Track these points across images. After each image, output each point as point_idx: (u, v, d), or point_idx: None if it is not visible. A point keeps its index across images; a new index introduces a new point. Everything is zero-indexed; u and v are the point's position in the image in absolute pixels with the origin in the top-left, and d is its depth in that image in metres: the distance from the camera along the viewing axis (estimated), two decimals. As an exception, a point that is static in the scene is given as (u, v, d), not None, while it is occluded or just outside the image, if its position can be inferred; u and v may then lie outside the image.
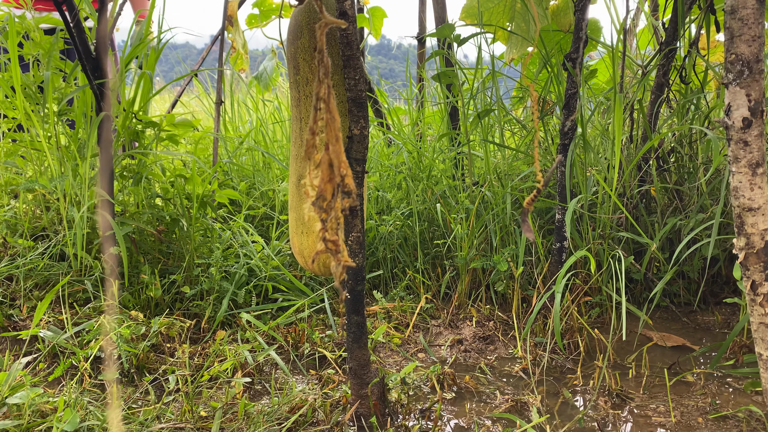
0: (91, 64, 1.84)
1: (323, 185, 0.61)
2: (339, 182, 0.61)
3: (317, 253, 0.62)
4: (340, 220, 0.62)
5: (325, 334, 1.83)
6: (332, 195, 0.61)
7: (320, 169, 0.61)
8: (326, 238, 0.61)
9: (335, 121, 0.60)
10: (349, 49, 1.27)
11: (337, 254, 0.61)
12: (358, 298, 1.39)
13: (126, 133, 2.10)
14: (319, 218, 0.61)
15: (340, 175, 0.61)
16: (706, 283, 2.14)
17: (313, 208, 0.62)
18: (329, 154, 0.60)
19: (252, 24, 4.03)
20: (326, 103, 0.60)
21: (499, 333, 1.91)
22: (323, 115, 0.60)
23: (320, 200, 0.61)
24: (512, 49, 2.49)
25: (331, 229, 0.61)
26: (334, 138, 0.60)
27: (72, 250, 1.92)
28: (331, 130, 0.60)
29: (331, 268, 0.62)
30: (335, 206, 0.61)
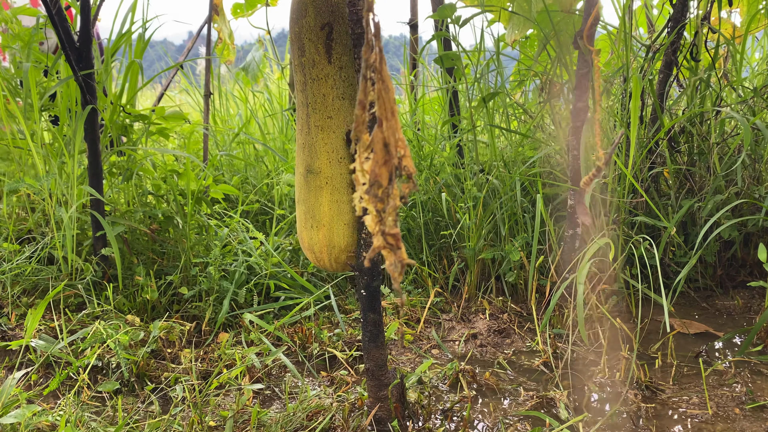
0: (75, 54, 1.72)
1: (378, 169, 0.51)
2: (396, 164, 0.52)
3: (373, 248, 0.53)
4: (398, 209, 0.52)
5: (333, 333, 1.74)
6: (389, 180, 0.52)
7: (371, 151, 0.52)
8: (385, 231, 0.52)
9: (390, 91, 0.51)
10: (359, 27, 1.17)
11: (397, 250, 0.52)
12: (374, 295, 1.30)
13: (114, 128, 1.98)
14: (374, 208, 0.52)
15: (397, 155, 0.51)
16: (721, 266, 2.08)
17: (366, 197, 0.52)
18: (383, 131, 0.51)
19: (238, 14, 3.90)
20: (378, 71, 0.51)
21: (514, 326, 1.83)
22: (374, 86, 0.51)
23: (375, 187, 0.52)
24: (514, 30, 2.41)
25: (389, 221, 0.52)
26: (389, 112, 0.51)
27: (61, 252, 1.80)
28: (386, 102, 0.51)
29: (388, 267, 0.53)
30: (393, 193, 0.52)
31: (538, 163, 2.23)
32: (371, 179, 0.52)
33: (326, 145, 1.26)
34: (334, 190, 1.27)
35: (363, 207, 0.53)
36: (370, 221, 0.53)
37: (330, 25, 1.22)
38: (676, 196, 2.06)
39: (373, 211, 0.52)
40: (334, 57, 1.23)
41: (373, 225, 0.53)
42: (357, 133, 0.51)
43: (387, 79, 0.50)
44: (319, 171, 1.26)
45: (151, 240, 2.00)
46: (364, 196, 0.52)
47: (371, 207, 0.52)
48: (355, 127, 0.51)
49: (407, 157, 0.51)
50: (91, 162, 1.84)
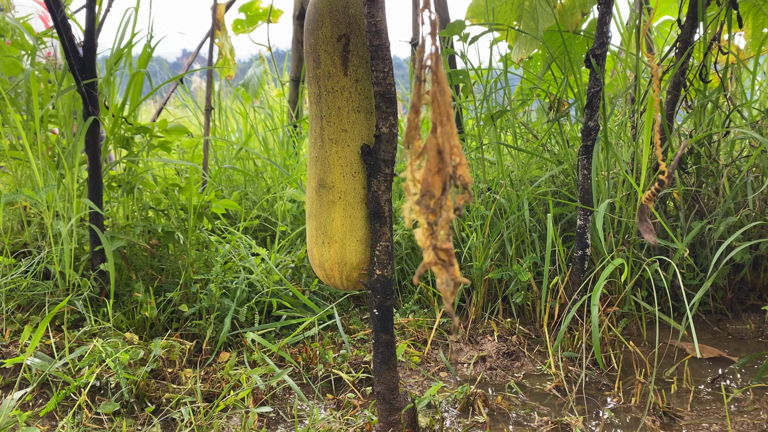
0: (78, 64, 1.68)
1: (430, 178, 0.48)
2: (451, 173, 0.48)
3: (424, 264, 0.48)
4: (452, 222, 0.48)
5: (338, 354, 1.68)
6: (442, 190, 0.48)
7: (424, 159, 0.48)
8: (437, 246, 0.47)
9: (446, 94, 0.47)
10: (378, 39, 1.14)
11: (450, 267, 0.48)
12: (387, 315, 1.25)
13: (115, 140, 1.94)
14: (426, 220, 0.48)
15: (451, 164, 0.48)
16: (731, 290, 2.04)
17: (417, 207, 0.48)
18: (437, 137, 0.47)
19: (239, 30, 3.89)
20: (435, 72, 0.47)
21: (524, 348, 1.78)
22: (430, 89, 0.47)
23: (426, 197, 0.48)
24: (521, 48, 2.39)
25: (442, 235, 0.48)
26: (445, 117, 0.47)
27: (58, 267, 1.75)
28: (441, 106, 0.47)
29: (439, 285, 0.49)
30: (446, 204, 0.48)
31: (544, 183, 2.20)
32: (423, 189, 0.48)
33: (340, 158, 1.22)
34: (348, 205, 1.23)
35: (413, 220, 0.49)
36: (420, 234, 0.49)
37: (347, 36, 1.19)
38: (686, 218, 2.03)
39: (424, 223, 0.48)
40: (350, 69, 1.20)
41: (424, 239, 0.49)
42: (409, 138, 0.48)
43: (443, 81, 0.47)
44: (332, 185, 1.22)
45: (150, 255, 1.95)
46: (414, 207, 0.48)
47: (422, 219, 0.48)
48: (407, 132, 0.48)
49: (463, 165, 0.48)
50: (91, 175, 1.79)
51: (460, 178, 0.48)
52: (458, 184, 0.48)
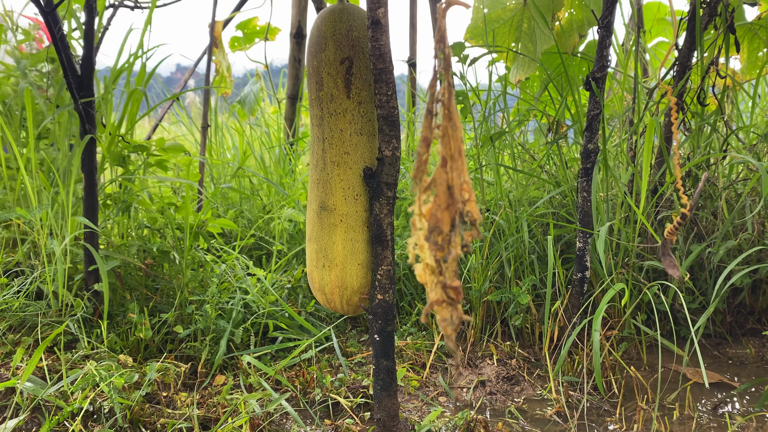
0: (76, 82, 1.67)
1: (439, 213, 0.46)
2: (460, 209, 0.46)
3: (432, 303, 0.47)
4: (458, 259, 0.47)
5: (336, 378, 1.66)
6: (451, 227, 0.46)
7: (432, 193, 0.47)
8: (446, 284, 0.46)
9: (457, 129, 0.46)
10: (381, 62, 1.13)
11: (457, 306, 0.47)
12: (388, 341, 1.24)
13: (111, 158, 1.92)
14: (433, 257, 0.47)
15: (461, 200, 0.46)
16: (730, 313, 2.03)
17: (424, 243, 0.47)
18: (447, 172, 0.46)
19: (235, 47, 3.89)
20: (446, 107, 0.46)
21: (523, 372, 1.76)
22: (441, 124, 0.46)
23: (435, 233, 0.46)
24: (519, 70, 2.40)
25: (449, 272, 0.47)
26: (456, 152, 0.46)
27: (51, 287, 1.72)
28: (452, 141, 0.46)
29: (441, 322, 0.47)
30: (455, 241, 0.47)
31: (542, 204, 2.19)
32: (431, 225, 0.46)
33: (342, 181, 1.21)
34: (349, 228, 1.21)
35: (416, 255, 0.48)
36: (422, 270, 0.48)
37: (350, 59, 1.18)
38: (684, 240, 2.02)
39: (431, 260, 0.47)
40: (353, 92, 1.19)
41: (430, 275, 0.48)
42: (418, 173, 0.46)
43: (455, 116, 0.46)
44: (334, 208, 1.21)
45: (145, 275, 1.93)
46: (421, 242, 0.47)
47: (428, 255, 0.47)
48: (417, 167, 0.46)
49: (472, 201, 0.46)
50: (87, 193, 1.77)
51: (468, 215, 0.47)
52: (467, 221, 0.47)
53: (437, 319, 0.48)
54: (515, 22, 2.36)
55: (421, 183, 0.47)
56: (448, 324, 0.47)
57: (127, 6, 2.27)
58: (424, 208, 0.47)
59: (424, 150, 0.46)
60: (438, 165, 0.47)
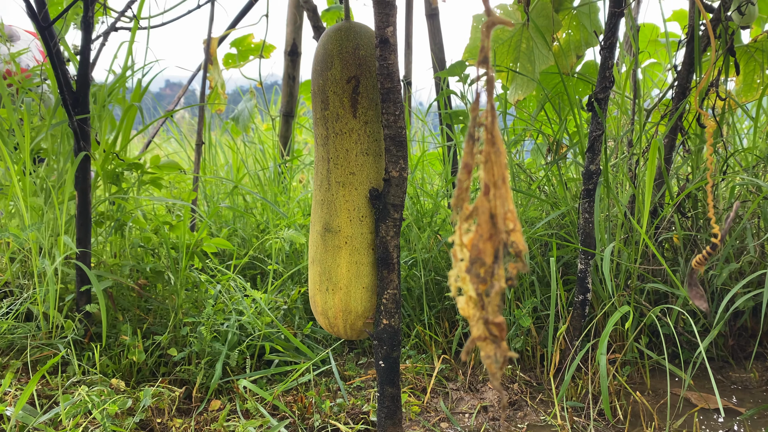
0: (71, 99, 1.64)
1: (482, 244, 0.43)
2: (504, 240, 0.44)
3: (473, 339, 0.44)
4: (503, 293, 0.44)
5: (335, 403, 1.62)
6: (494, 258, 0.43)
7: (472, 222, 0.44)
8: (489, 320, 0.43)
9: (501, 154, 0.43)
10: (389, 82, 1.11)
11: (501, 342, 0.44)
12: (393, 367, 1.20)
13: (105, 176, 1.88)
14: (475, 291, 0.44)
15: (505, 230, 0.43)
16: (732, 336, 2.01)
17: (465, 276, 0.44)
18: (489, 200, 0.43)
19: (229, 64, 3.87)
20: (489, 131, 0.43)
21: (526, 397, 1.73)
22: (483, 149, 0.43)
23: (477, 265, 0.43)
24: (517, 90, 2.39)
25: (492, 307, 0.43)
26: (500, 179, 0.43)
27: (41, 308, 1.67)
28: (495, 167, 0.43)
29: (485, 360, 0.44)
30: (498, 273, 0.44)
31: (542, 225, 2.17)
32: (473, 256, 0.43)
33: (347, 202, 1.18)
34: (354, 250, 1.18)
35: (458, 287, 0.45)
36: (464, 304, 0.45)
37: (356, 78, 1.16)
38: (686, 262, 2.01)
39: (473, 293, 0.44)
40: (359, 111, 1.17)
41: (472, 310, 0.44)
42: (459, 201, 0.44)
43: (498, 141, 0.43)
44: (339, 230, 1.18)
45: (138, 296, 1.88)
46: (462, 274, 0.44)
47: (470, 288, 0.44)
48: (458, 195, 0.44)
49: (517, 231, 0.43)
50: (80, 212, 1.73)
51: (513, 245, 0.44)
52: (511, 252, 0.44)
53: (481, 356, 0.45)
54: (514, 42, 2.35)
55: (462, 211, 0.44)
56: (493, 362, 0.44)
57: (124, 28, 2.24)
58: (465, 238, 0.44)
59: (465, 177, 0.44)
60: (480, 192, 0.44)
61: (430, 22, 2.61)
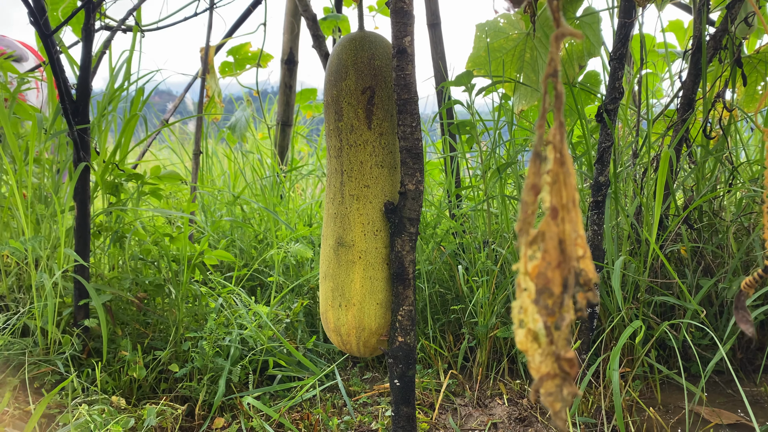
0: (71, 108, 1.60)
1: (550, 272, 0.40)
2: (574, 268, 0.40)
3: (543, 376, 0.41)
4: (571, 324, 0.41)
5: (342, 420, 1.58)
6: (563, 288, 0.40)
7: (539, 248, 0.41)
8: (560, 355, 0.40)
9: (571, 175, 0.40)
10: (407, 93, 1.08)
11: (571, 380, 0.40)
12: (408, 386, 1.16)
13: (104, 187, 1.84)
14: (543, 323, 0.40)
15: (575, 257, 0.40)
16: (740, 350, 1.99)
17: (530, 307, 0.41)
18: (558, 225, 0.40)
19: (226, 72, 3.84)
20: (558, 149, 0.40)
21: (536, 413, 1.69)
22: (551, 169, 0.40)
23: (545, 296, 0.40)
24: (521, 100, 2.37)
25: (562, 341, 0.40)
26: (570, 201, 0.40)
27: (39, 323, 1.62)
28: (564, 188, 0.40)
29: (546, 398, 0.41)
30: (567, 304, 0.40)
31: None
32: (540, 285, 0.40)
33: (361, 216, 1.14)
34: (368, 265, 1.15)
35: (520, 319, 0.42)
36: (523, 337, 0.42)
37: (372, 89, 1.13)
38: (693, 274, 1.99)
39: (540, 326, 0.40)
40: (374, 123, 1.14)
41: (532, 343, 0.41)
42: (525, 225, 0.40)
43: (568, 159, 0.40)
44: (352, 244, 1.15)
45: (137, 310, 1.83)
46: (527, 306, 0.41)
47: (532, 320, 0.41)
48: (523, 219, 0.40)
49: (587, 259, 0.40)
50: (79, 224, 1.68)
51: (583, 274, 0.41)
52: (581, 282, 0.41)
53: (542, 394, 0.41)
54: (518, 52, 2.34)
55: (528, 236, 0.41)
56: (559, 401, 0.40)
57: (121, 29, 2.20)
58: (530, 266, 0.41)
59: (531, 199, 0.40)
60: (546, 216, 0.41)
61: (432, 32, 2.59)
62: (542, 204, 0.41)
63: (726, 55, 2.06)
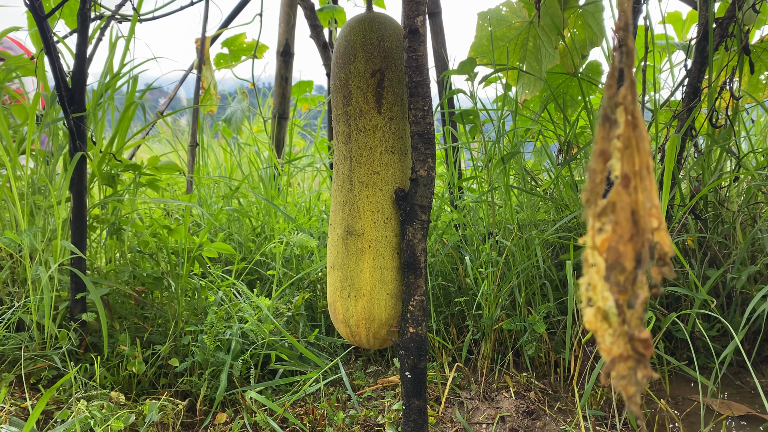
0: (67, 95, 1.54)
1: (621, 246, 0.36)
2: (648, 240, 0.37)
3: (615, 358, 0.37)
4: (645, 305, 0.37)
5: (347, 414, 1.54)
6: (636, 263, 0.37)
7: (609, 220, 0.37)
8: (633, 335, 0.36)
9: (645, 139, 0.36)
10: (418, 75, 1.04)
11: (646, 361, 0.37)
12: (420, 378, 1.13)
13: (101, 177, 1.79)
14: (614, 301, 0.37)
15: (650, 228, 0.37)
16: (747, 341, 1.97)
17: (600, 284, 0.37)
18: (630, 194, 0.37)
19: (221, 64, 3.78)
20: (629, 112, 0.36)
21: (544, 406, 1.67)
22: (621, 133, 0.37)
23: (616, 272, 0.37)
24: (524, 89, 2.34)
25: (635, 320, 0.37)
26: (644, 168, 0.36)
27: (35, 317, 1.57)
28: (639, 155, 0.36)
29: (618, 382, 0.37)
30: (641, 280, 0.37)
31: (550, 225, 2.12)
32: (610, 260, 0.37)
33: (371, 203, 1.10)
34: (378, 254, 1.11)
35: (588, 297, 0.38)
36: (591, 317, 0.38)
37: (381, 71, 1.09)
38: (700, 266, 1.96)
39: (611, 304, 0.37)
40: (384, 107, 1.10)
41: (601, 323, 0.38)
42: (592, 195, 0.37)
43: (641, 123, 0.36)
44: (362, 233, 1.11)
45: (135, 304, 1.79)
46: (596, 282, 0.37)
47: (605, 298, 0.37)
48: (590, 188, 0.37)
49: (662, 230, 0.37)
50: (75, 215, 1.63)
51: (658, 247, 0.37)
52: (656, 256, 0.37)
53: (613, 377, 0.38)
54: (520, 41, 2.30)
55: (597, 206, 0.37)
56: (632, 384, 0.37)
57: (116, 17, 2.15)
58: (599, 239, 0.37)
59: (601, 166, 0.37)
60: (617, 184, 0.37)
61: (432, 21, 2.55)
62: (612, 171, 0.37)
63: (732, 43, 2.04)
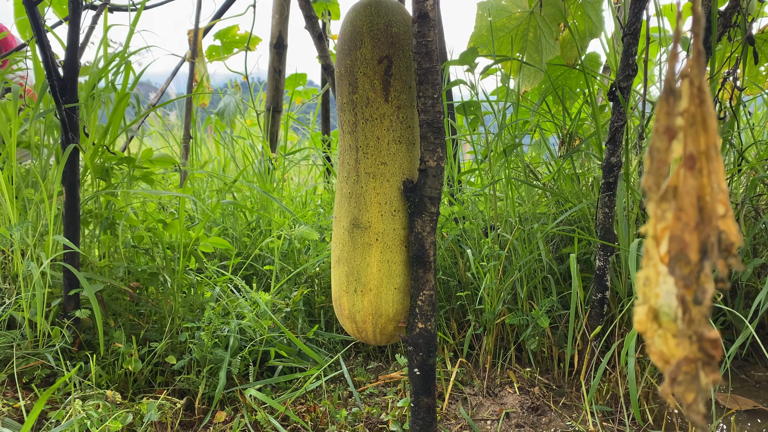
0: (59, 85, 1.50)
1: (687, 235, 0.33)
2: (716, 228, 0.33)
3: (680, 361, 0.34)
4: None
5: (350, 412, 1.51)
6: (701, 254, 0.33)
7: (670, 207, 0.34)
8: (702, 334, 0.33)
9: (712, 116, 0.33)
10: (428, 61, 1.01)
11: (715, 364, 0.33)
12: (429, 375, 1.10)
13: (95, 170, 1.74)
14: (679, 297, 0.33)
15: (717, 215, 0.33)
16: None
17: (668, 277, 0.34)
18: (696, 178, 0.33)
19: (213, 57, 3.72)
20: (696, 85, 0.33)
21: (549, 401, 1.64)
22: (685, 109, 0.33)
23: (680, 264, 0.33)
24: (524, 81, 2.30)
25: (701, 318, 0.33)
26: (712, 148, 0.33)
27: (27, 314, 1.53)
28: (705, 134, 0.33)
29: (677, 386, 0.34)
30: (707, 273, 0.33)
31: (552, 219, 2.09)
32: (673, 251, 0.33)
33: (378, 195, 1.07)
34: (386, 248, 1.08)
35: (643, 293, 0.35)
36: (642, 316, 0.35)
37: (389, 58, 1.05)
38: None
39: (663, 302, 0.33)
40: (391, 95, 1.06)
41: (655, 325, 0.34)
42: (656, 177, 0.33)
43: (707, 98, 0.33)
44: (369, 225, 1.07)
45: (130, 300, 1.74)
46: (656, 276, 0.34)
47: (656, 295, 0.34)
48: (653, 169, 0.33)
49: (729, 218, 0.33)
50: (68, 209, 1.59)
51: (724, 236, 0.34)
52: (723, 246, 0.34)
53: (675, 385, 0.34)
54: (521, 32, 2.27)
55: (659, 190, 0.34)
56: (692, 391, 0.34)
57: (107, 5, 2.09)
58: (661, 226, 0.34)
59: (665, 145, 0.33)
60: (680, 166, 0.34)
61: (431, 11, 2.51)
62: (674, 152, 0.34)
63: (735, 33, 2.01)
